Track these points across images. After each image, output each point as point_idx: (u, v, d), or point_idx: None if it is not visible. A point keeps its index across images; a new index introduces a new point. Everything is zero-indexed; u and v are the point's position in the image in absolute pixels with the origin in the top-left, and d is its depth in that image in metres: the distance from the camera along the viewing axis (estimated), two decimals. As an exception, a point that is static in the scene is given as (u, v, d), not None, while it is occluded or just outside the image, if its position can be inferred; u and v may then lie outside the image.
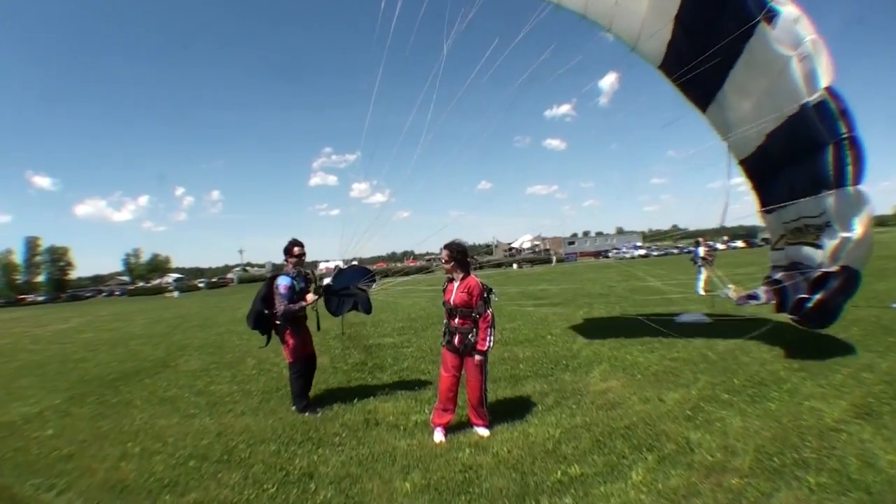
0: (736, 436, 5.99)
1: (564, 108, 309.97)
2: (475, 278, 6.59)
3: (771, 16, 7.67)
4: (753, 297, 12.28)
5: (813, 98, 7.67)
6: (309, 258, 8.08)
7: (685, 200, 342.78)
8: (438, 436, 6.47)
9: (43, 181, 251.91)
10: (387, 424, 7.09)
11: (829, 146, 7.65)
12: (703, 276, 19.46)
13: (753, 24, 7.88)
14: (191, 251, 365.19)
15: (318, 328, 8.34)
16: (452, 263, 6.59)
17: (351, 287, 8.06)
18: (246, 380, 10.43)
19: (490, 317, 6.52)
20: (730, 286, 17.60)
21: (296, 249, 7.98)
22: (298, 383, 7.89)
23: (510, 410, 7.17)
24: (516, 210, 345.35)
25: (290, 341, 7.82)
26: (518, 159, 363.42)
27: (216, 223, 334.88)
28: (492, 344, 6.53)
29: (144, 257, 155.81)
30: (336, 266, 8.76)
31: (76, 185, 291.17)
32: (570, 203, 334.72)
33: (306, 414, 7.69)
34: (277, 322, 7.80)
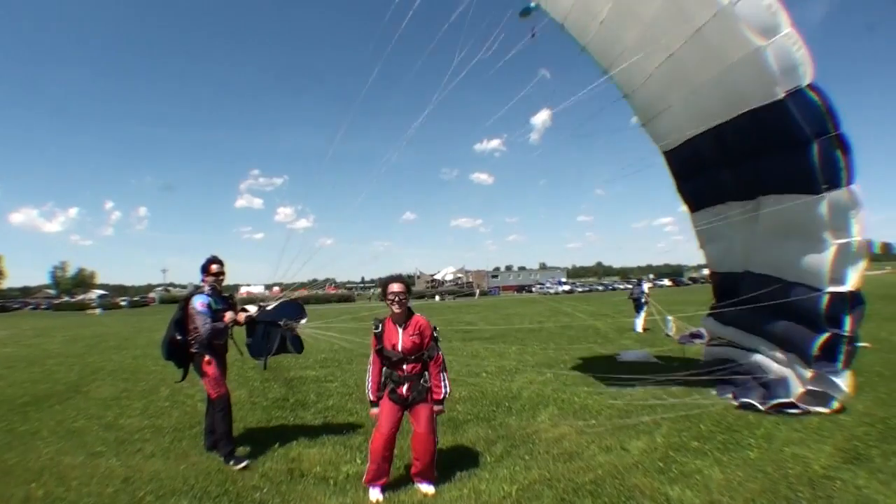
0: (720, 490, 5.31)
1: (494, 143, 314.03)
2: (421, 316, 5.75)
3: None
4: (697, 335, 11.83)
5: (789, 91, 7.06)
6: (231, 281, 7.05)
7: (609, 239, 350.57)
8: (375, 494, 5.39)
9: None
10: (314, 477, 5.98)
11: (814, 143, 7.03)
12: (644, 313, 19.21)
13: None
14: (116, 267, 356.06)
15: (242, 353, 7.19)
16: (407, 299, 5.69)
17: (282, 322, 6.98)
18: (158, 413, 9.30)
19: (441, 358, 5.78)
20: (671, 322, 17.29)
21: (214, 267, 6.99)
22: (224, 423, 6.64)
23: (454, 462, 6.14)
24: (439, 242, 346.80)
25: (211, 372, 6.65)
26: (444, 192, 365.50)
27: (142, 240, 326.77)
28: (449, 390, 5.75)
29: (71, 271, 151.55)
30: (261, 299, 8.12)
31: (13, 192, 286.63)
32: (493, 237, 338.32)
33: (230, 463, 6.35)
34: (194, 350, 6.68)
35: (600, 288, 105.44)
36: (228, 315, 6.75)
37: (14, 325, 42.02)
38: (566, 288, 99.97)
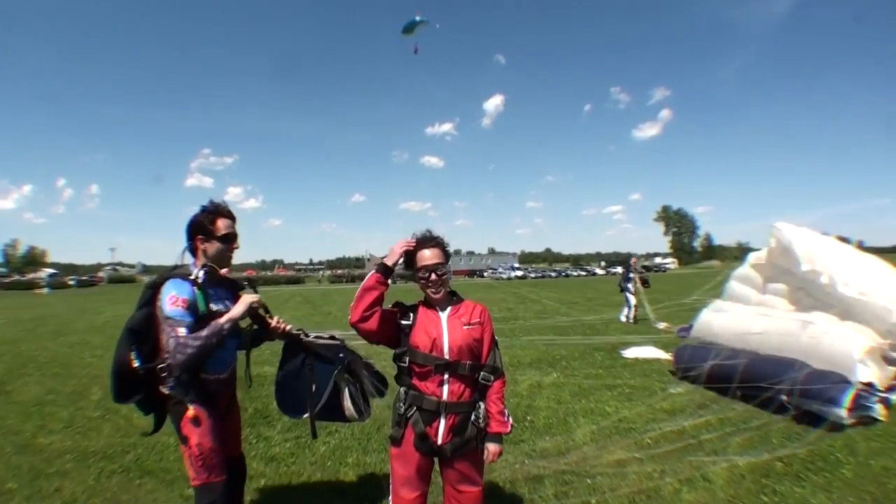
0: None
1: (446, 127, 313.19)
2: (476, 302, 3.53)
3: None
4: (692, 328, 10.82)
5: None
6: (173, 262, 3.90)
7: (559, 225, 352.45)
8: None
9: None
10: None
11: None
12: (632, 301, 18.14)
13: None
14: (68, 246, 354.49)
15: (250, 383, 3.87)
16: (445, 271, 3.43)
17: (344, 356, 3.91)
18: (86, 427, 7.37)
19: (505, 375, 3.53)
20: (660, 323, 16.26)
21: (221, 224, 3.58)
22: None
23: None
24: (388, 225, 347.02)
25: (195, 441, 3.37)
26: (395, 174, 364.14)
27: (93, 218, 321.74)
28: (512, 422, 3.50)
29: (22, 249, 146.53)
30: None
31: None
32: (442, 221, 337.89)
33: None
34: (167, 390, 3.41)
35: (553, 274, 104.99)
36: (236, 309, 3.48)
37: None
38: (519, 273, 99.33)
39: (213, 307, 3.48)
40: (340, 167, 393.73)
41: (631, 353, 11.62)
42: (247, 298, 3.60)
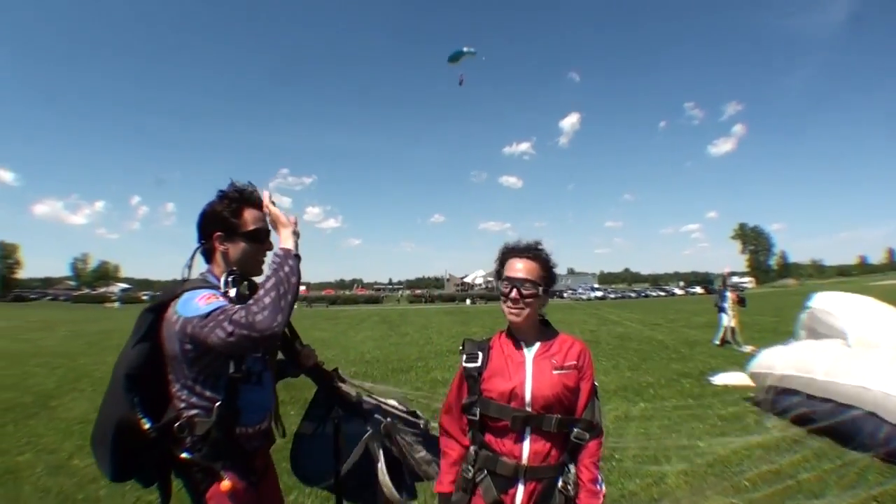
0: None
1: (524, 146, 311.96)
2: (573, 337, 2.70)
3: None
4: None
5: None
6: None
7: (638, 244, 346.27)
8: None
9: (5, 175, 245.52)
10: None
11: None
12: (724, 322, 16.98)
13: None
14: (142, 262, 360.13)
15: (283, 432, 2.80)
16: (535, 294, 2.56)
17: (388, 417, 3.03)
18: None
19: (603, 433, 2.67)
20: (746, 346, 15.45)
21: (249, 216, 2.52)
22: None
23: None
24: (468, 245, 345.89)
25: None
26: (473, 194, 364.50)
27: (169, 235, 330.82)
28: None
29: (92, 264, 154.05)
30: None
31: (37, 183, 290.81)
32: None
33: None
34: (189, 455, 2.27)
35: (633, 294, 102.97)
36: (287, 237, 2.40)
37: (21, 317, 40.59)
38: (599, 294, 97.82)
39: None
40: (419, 187, 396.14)
41: (720, 379, 10.89)
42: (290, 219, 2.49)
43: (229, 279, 2.42)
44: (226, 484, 2.26)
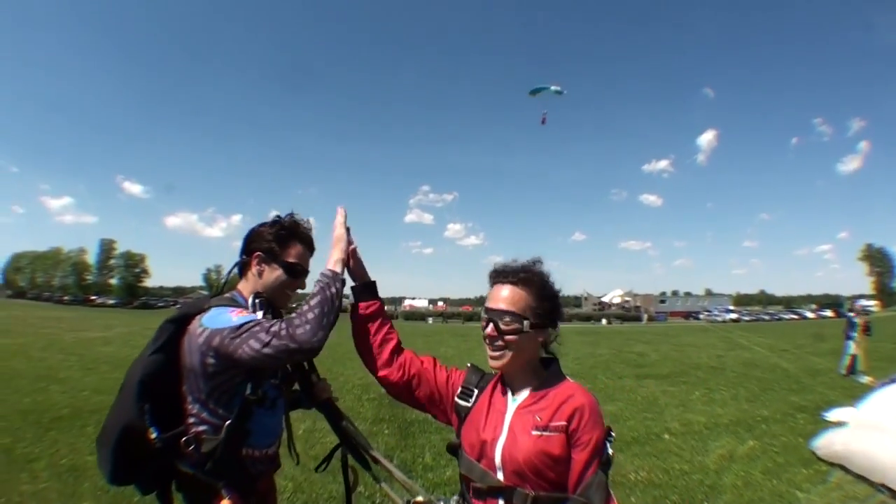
0: None
1: (662, 164, 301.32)
2: (577, 385, 2.08)
3: None
4: None
5: None
6: (396, 294, 2.61)
7: (773, 265, 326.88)
8: None
9: (134, 188, 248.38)
10: None
11: None
12: (851, 350, 16.03)
13: None
14: None
15: (297, 459, 2.75)
16: (519, 331, 2.04)
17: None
18: None
19: None
20: (864, 377, 14.60)
21: (294, 250, 2.57)
22: None
23: None
24: (607, 264, 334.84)
25: None
26: (614, 212, 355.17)
27: None
28: None
29: (225, 274, 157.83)
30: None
31: (168, 196, 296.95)
32: (661, 261, 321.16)
33: None
34: (191, 469, 2.27)
35: (766, 317, 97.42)
36: (337, 253, 2.46)
37: (140, 323, 39.94)
38: (733, 316, 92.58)
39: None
40: (560, 205, 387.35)
41: (835, 415, 10.49)
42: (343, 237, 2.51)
43: (256, 301, 2.44)
44: (225, 503, 2.23)
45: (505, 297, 2.07)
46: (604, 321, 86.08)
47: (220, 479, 2.25)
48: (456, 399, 2.24)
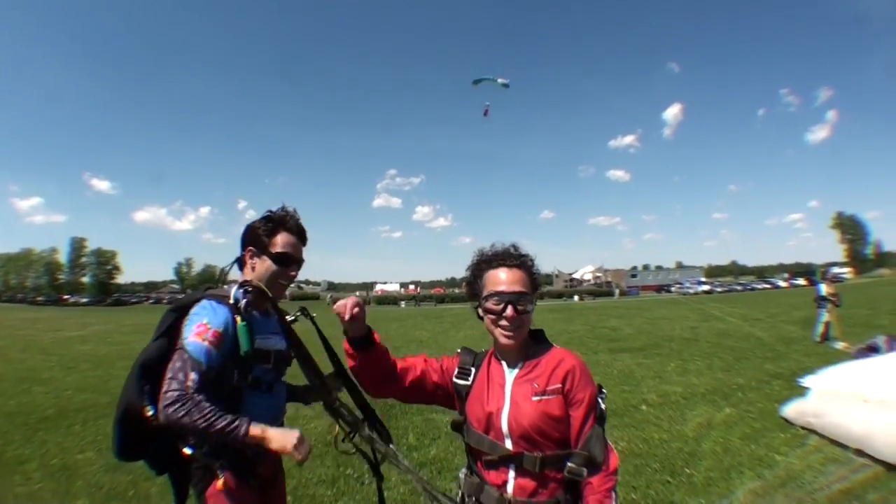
0: None
1: (629, 139, 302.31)
2: (566, 351, 2.29)
3: None
4: (874, 348, 9.89)
5: None
6: (367, 279, 2.62)
7: (744, 236, 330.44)
8: None
9: (101, 184, 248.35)
10: None
11: None
12: (824, 318, 16.06)
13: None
14: None
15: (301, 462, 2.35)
16: (528, 307, 2.21)
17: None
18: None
19: (614, 465, 2.08)
20: (839, 343, 14.53)
21: (280, 239, 2.61)
22: None
23: None
24: (577, 241, 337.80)
25: None
26: (582, 189, 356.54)
27: None
28: None
29: (196, 267, 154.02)
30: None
31: (135, 191, 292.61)
32: (630, 236, 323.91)
33: None
34: (189, 450, 2.38)
35: (738, 288, 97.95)
36: (275, 436, 2.26)
37: (115, 321, 39.97)
38: (706, 288, 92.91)
39: (261, 344, 2.49)
40: (527, 183, 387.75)
41: (809, 382, 10.32)
42: (290, 437, 2.26)
43: (240, 291, 2.48)
44: (219, 483, 2.31)
45: (517, 279, 2.20)
46: (576, 297, 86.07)
47: (217, 459, 2.34)
48: (454, 380, 2.32)
